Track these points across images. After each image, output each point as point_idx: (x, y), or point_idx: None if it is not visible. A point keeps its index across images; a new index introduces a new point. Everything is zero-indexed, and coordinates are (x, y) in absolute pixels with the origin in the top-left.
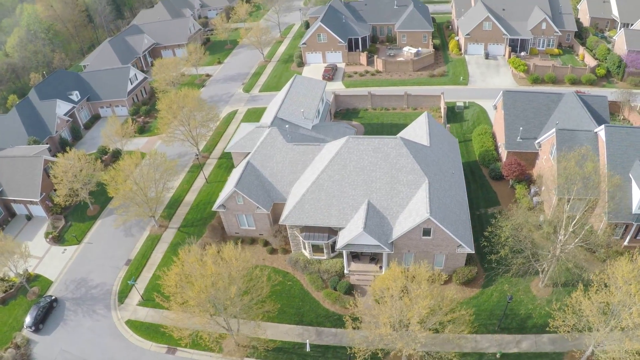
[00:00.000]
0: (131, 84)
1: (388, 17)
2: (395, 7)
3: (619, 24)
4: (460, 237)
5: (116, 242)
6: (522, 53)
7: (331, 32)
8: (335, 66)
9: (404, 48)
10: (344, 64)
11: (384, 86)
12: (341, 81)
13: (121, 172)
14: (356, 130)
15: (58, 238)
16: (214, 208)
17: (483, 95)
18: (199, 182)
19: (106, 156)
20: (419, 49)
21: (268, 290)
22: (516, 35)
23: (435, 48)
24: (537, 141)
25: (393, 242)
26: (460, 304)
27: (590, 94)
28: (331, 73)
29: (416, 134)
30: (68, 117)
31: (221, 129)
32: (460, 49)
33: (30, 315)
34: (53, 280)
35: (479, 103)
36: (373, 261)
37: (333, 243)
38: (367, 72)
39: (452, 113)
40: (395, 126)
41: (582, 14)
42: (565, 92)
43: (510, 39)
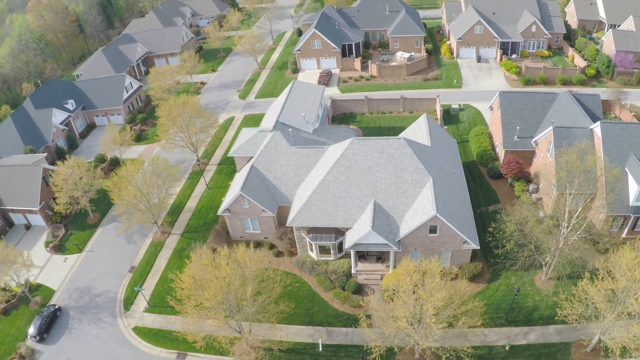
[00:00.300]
0: (127, 92)
1: (380, 23)
2: (387, 13)
3: (606, 25)
4: (465, 234)
5: (118, 250)
6: (513, 56)
7: (325, 39)
8: (329, 72)
9: (397, 53)
10: (339, 70)
11: (379, 91)
12: (336, 86)
13: (124, 179)
14: (356, 133)
15: (59, 247)
16: (219, 212)
17: (477, 97)
18: (200, 188)
19: (104, 164)
20: (412, 54)
21: (280, 290)
22: (507, 38)
23: (427, 52)
24: (534, 139)
25: (400, 241)
26: (472, 297)
27: (583, 93)
28: (326, 79)
29: (416, 135)
30: (64, 126)
31: (219, 135)
32: (452, 53)
33: (34, 325)
34: (55, 289)
35: (474, 105)
36: (379, 260)
37: (340, 244)
38: (362, 77)
39: (448, 115)
40: (392, 129)
41: (570, 17)
42: (559, 92)
43: (501, 42)
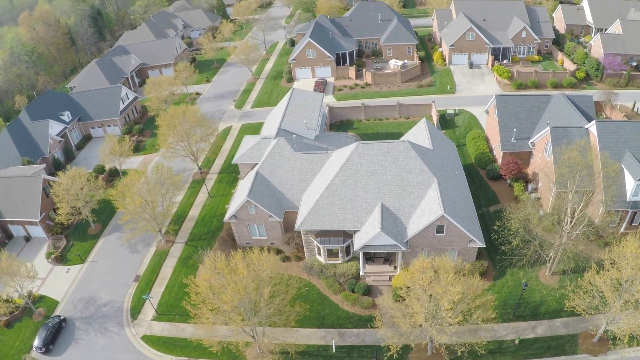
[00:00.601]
0: (123, 104)
1: (373, 32)
2: (379, 22)
3: (594, 30)
4: (471, 232)
5: (122, 260)
6: (505, 61)
7: (320, 47)
8: (325, 80)
9: (390, 61)
10: (333, 79)
11: (374, 98)
12: (332, 95)
13: (130, 187)
14: (356, 139)
15: (61, 258)
16: (226, 219)
17: (470, 102)
18: (201, 197)
19: (103, 175)
20: (405, 61)
21: (295, 291)
22: (498, 44)
23: (420, 60)
24: (531, 141)
25: (408, 241)
26: (485, 291)
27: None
28: (321, 87)
29: (417, 139)
30: (60, 138)
31: (219, 144)
32: (444, 60)
33: (39, 336)
34: (59, 300)
35: (468, 110)
36: (387, 262)
37: (347, 247)
38: (357, 85)
39: (444, 120)
40: (390, 135)
41: (558, 22)
42: (553, 94)
43: (492, 48)
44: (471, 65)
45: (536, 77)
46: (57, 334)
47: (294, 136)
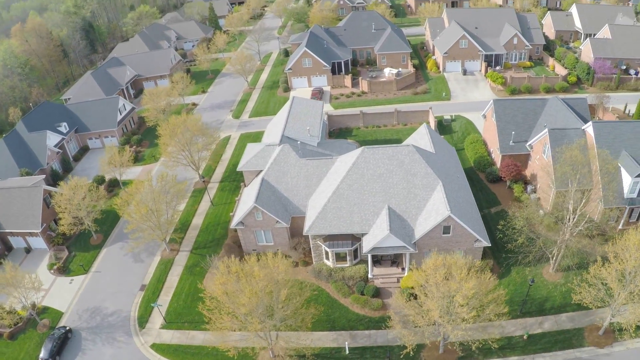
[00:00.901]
0: (120, 114)
1: (367, 41)
2: (373, 31)
3: (582, 35)
4: (476, 232)
5: (126, 269)
6: (497, 67)
7: (316, 57)
8: (321, 89)
9: (385, 69)
10: (330, 87)
11: (371, 106)
12: (329, 103)
13: (134, 196)
14: (358, 146)
15: (63, 269)
16: (232, 225)
17: (466, 108)
18: (204, 206)
19: (103, 185)
20: (400, 70)
21: (309, 293)
22: (490, 51)
23: (414, 68)
24: (529, 143)
25: (415, 242)
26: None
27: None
28: (318, 96)
29: (419, 144)
30: (58, 149)
31: (219, 153)
32: (438, 67)
33: (45, 348)
34: (63, 311)
35: (464, 115)
36: (394, 264)
37: (355, 250)
38: (353, 94)
39: (441, 126)
40: (388, 141)
41: (547, 28)
42: (549, 98)
43: (485, 55)
44: (465, 72)
45: (529, 83)
46: (64, 345)
47: (299, 143)
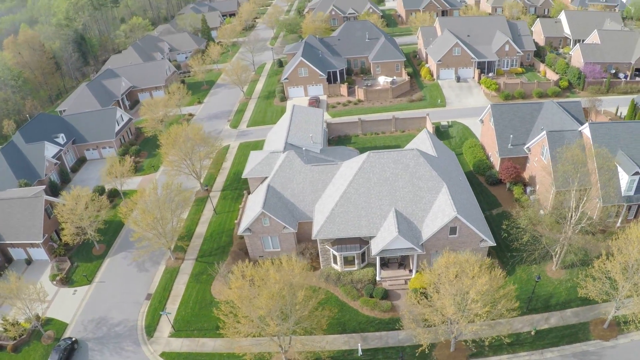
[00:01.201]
0: (118, 125)
1: (361, 50)
2: (367, 41)
3: (572, 41)
4: (482, 233)
5: (131, 279)
6: (490, 74)
7: (312, 66)
8: (318, 98)
9: (380, 78)
10: (326, 96)
11: (368, 113)
12: (326, 112)
13: (140, 204)
14: (358, 153)
15: (66, 280)
16: (240, 232)
17: (461, 114)
18: (207, 214)
19: (103, 196)
20: (394, 78)
21: (323, 295)
22: (483, 58)
23: (409, 76)
24: (527, 146)
25: (422, 244)
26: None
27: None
28: (315, 105)
29: (420, 148)
30: (56, 160)
31: (219, 162)
32: (432, 75)
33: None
34: (68, 322)
35: (460, 121)
36: (401, 267)
37: (363, 253)
38: (350, 102)
39: (438, 132)
40: (387, 148)
41: (537, 35)
42: (544, 102)
43: (477, 62)
44: (458, 79)
45: (522, 88)
46: (70, 357)
47: (304, 149)
